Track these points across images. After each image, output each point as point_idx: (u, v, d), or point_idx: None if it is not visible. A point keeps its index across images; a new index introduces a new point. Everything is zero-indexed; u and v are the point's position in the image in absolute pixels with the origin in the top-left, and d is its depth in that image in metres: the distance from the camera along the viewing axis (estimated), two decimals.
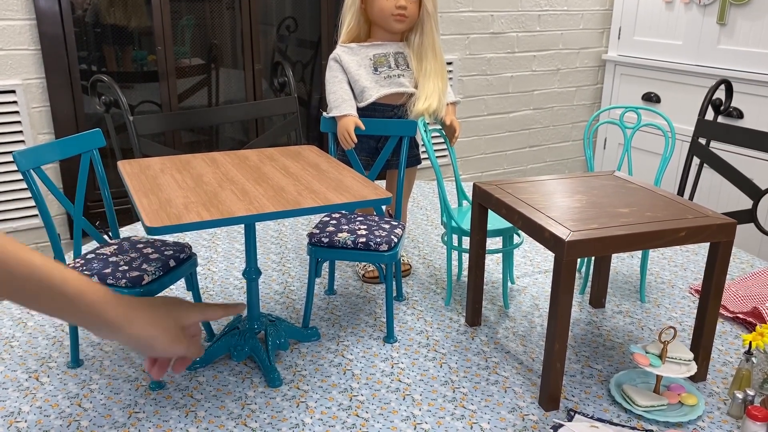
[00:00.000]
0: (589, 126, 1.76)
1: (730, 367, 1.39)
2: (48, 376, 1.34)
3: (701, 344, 1.01)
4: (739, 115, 3.04)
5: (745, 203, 2.18)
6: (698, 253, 1.99)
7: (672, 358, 1.24)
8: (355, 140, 1.68)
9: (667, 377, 1.26)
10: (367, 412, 1.24)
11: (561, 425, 1.18)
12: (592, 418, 1.22)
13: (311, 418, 1.22)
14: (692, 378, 0.99)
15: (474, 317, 1.16)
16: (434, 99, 1.70)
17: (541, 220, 0.83)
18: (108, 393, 1.29)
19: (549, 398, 0.90)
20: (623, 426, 1.19)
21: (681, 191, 2.41)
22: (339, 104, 1.70)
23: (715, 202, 3.04)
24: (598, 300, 1.18)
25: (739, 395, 1.22)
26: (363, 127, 1.68)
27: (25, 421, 1.20)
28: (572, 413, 1.23)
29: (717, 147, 2.37)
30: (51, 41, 2.44)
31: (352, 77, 1.72)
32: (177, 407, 1.25)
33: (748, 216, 2.13)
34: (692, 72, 3.20)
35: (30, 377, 1.34)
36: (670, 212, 0.91)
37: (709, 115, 2.35)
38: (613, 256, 1.96)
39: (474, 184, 1.40)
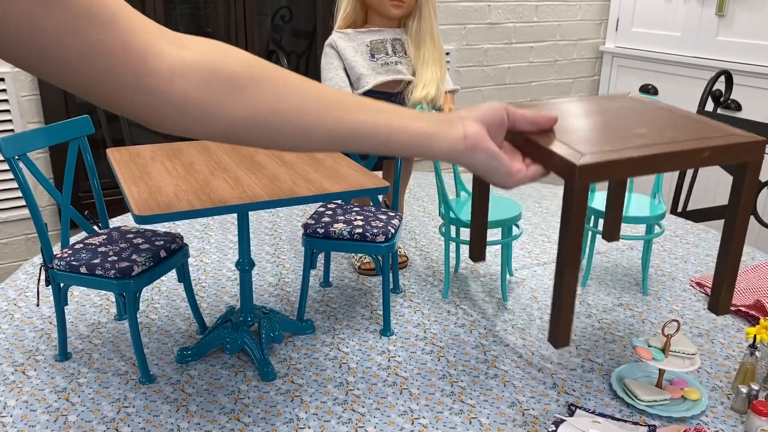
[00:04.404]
0: None
1: (733, 361, 1.37)
2: (35, 370, 1.31)
3: (727, 274, 0.85)
4: (738, 107, 3.01)
5: None
6: (698, 245, 1.96)
7: (675, 351, 1.21)
8: None
9: (669, 371, 1.24)
10: (363, 407, 1.21)
11: (562, 420, 1.15)
12: (593, 413, 1.19)
13: (306, 412, 1.19)
14: (715, 311, 0.90)
15: (479, 251, 0.91)
16: (432, 87, 1.66)
17: (548, 144, 0.75)
18: (97, 387, 1.26)
19: (560, 335, 0.78)
20: (625, 421, 1.17)
21: (679, 183, 2.38)
22: None
23: (713, 194, 3.02)
24: (612, 234, 1.09)
25: (743, 390, 1.19)
26: None
27: (11, 416, 1.17)
28: (573, 408, 1.20)
29: None
30: None
31: (348, 64, 1.68)
32: (168, 401, 1.21)
33: None
34: (690, 64, 3.18)
35: (16, 371, 1.30)
36: (693, 131, 0.82)
37: (709, 106, 2.32)
38: (613, 247, 1.93)
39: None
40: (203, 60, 0.57)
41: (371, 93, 1.69)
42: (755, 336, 1.22)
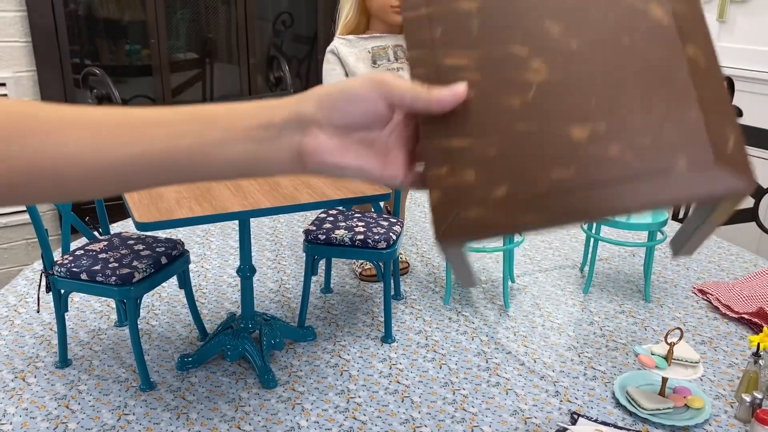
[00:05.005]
0: None
1: (736, 369, 1.36)
2: (35, 377, 1.30)
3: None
4: (738, 113, 3.01)
5: (745, 202, 2.15)
6: (700, 252, 1.96)
7: (678, 359, 1.21)
8: None
9: (672, 379, 1.23)
10: (364, 415, 1.20)
11: (565, 429, 1.15)
12: (596, 421, 1.18)
13: (307, 420, 1.18)
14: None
15: None
16: None
17: (424, 154, 0.47)
18: (97, 394, 1.25)
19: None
20: (628, 429, 1.16)
21: None
22: None
23: None
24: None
25: (747, 398, 1.19)
26: None
27: (11, 423, 1.16)
28: (576, 416, 1.20)
29: None
30: (42, 33, 2.39)
31: (350, 70, 1.68)
32: (168, 409, 1.21)
33: (750, 215, 2.10)
34: None
35: (16, 377, 1.30)
36: (663, 136, 0.43)
37: None
38: (615, 254, 1.93)
39: None
40: None
41: None
42: (759, 344, 1.22)
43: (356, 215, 1.56)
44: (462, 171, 0.45)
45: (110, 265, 1.26)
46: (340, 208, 1.61)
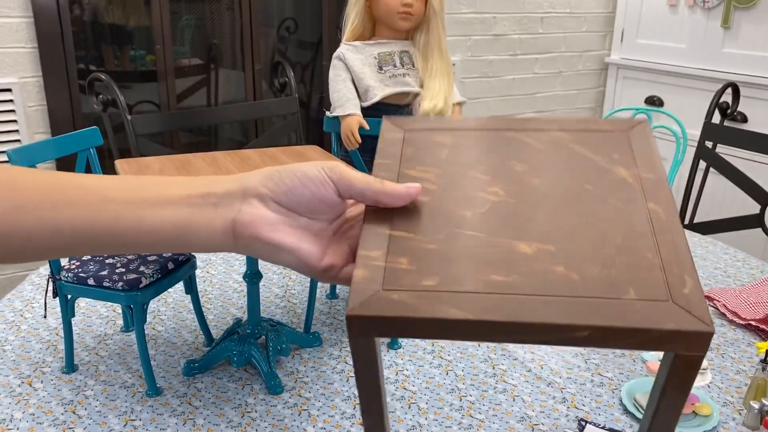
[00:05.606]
0: None
1: (744, 376, 1.36)
2: (41, 382, 1.30)
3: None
4: (744, 119, 3.01)
5: (751, 207, 2.15)
6: (706, 258, 1.96)
7: None
8: (359, 140, 1.64)
9: None
10: None
11: None
12: (603, 428, 1.18)
13: (314, 426, 1.18)
14: None
15: None
16: (440, 99, 1.66)
17: (360, 243, 0.44)
18: (103, 399, 1.25)
19: None
20: None
21: (686, 196, 2.37)
22: (343, 103, 1.66)
23: (719, 206, 3.01)
24: None
25: (755, 405, 1.18)
26: (367, 127, 1.64)
27: (17, 429, 1.16)
28: (583, 423, 1.19)
29: (721, 151, 2.34)
30: (48, 39, 2.40)
31: (356, 76, 1.69)
32: (175, 414, 1.21)
33: (756, 221, 2.10)
34: (696, 75, 3.18)
35: (23, 383, 1.30)
36: (614, 268, 0.40)
37: (715, 118, 2.32)
38: None
39: None
40: None
41: (379, 105, 1.69)
42: (766, 351, 1.21)
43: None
44: (395, 257, 0.42)
45: (117, 270, 1.26)
46: None
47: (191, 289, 1.41)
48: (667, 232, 0.42)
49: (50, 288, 1.42)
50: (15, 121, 2.39)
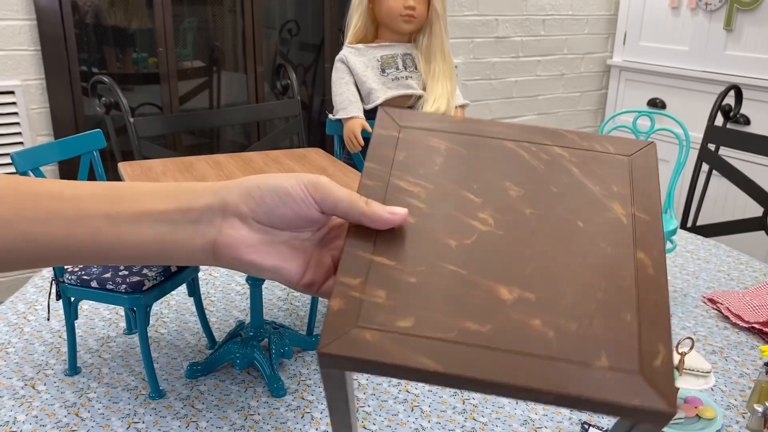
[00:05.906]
0: (602, 132, 1.73)
1: (747, 379, 1.35)
2: (44, 384, 1.30)
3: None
4: (746, 121, 3.01)
5: (754, 210, 2.15)
6: (709, 261, 1.95)
7: (689, 369, 1.20)
8: (362, 143, 1.64)
9: (684, 389, 1.23)
10: (374, 424, 1.20)
11: None
12: (606, 431, 1.18)
13: (316, 429, 1.18)
14: None
15: None
16: (443, 102, 1.66)
17: (339, 267, 0.43)
18: (106, 402, 1.25)
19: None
20: None
21: (689, 199, 2.37)
22: (345, 106, 1.66)
23: (721, 209, 3.01)
24: None
25: (759, 409, 1.18)
26: (370, 130, 1.65)
27: (20, 431, 1.16)
28: (586, 426, 1.19)
29: (724, 154, 2.34)
30: (51, 42, 2.40)
31: (359, 79, 1.69)
32: (178, 417, 1.21)
33: (759, 224, 2.10)
34: (698, 78, 3.18)
35: (26, 385, 1.30)
36: (591, 328, 0.40)
37: (718, 121, 2.32)
38: None
39: None
40: None
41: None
42: None
43: None
44: (374, 288, 0.42)
45: (120, 273, 1.26)
46: None
47: (194, 291, 1.41)
48: (651, 291, 0.42)
49: (53, 290, 1.42)
50: (18, 123, 2.40)
